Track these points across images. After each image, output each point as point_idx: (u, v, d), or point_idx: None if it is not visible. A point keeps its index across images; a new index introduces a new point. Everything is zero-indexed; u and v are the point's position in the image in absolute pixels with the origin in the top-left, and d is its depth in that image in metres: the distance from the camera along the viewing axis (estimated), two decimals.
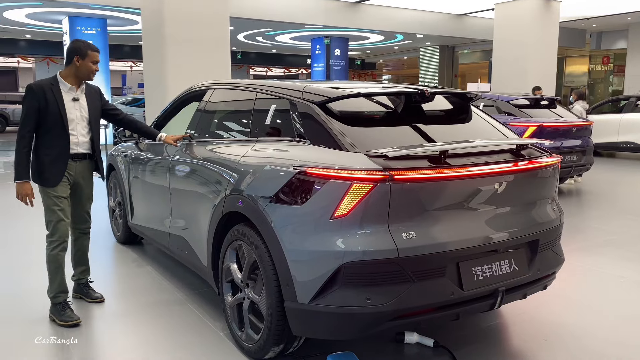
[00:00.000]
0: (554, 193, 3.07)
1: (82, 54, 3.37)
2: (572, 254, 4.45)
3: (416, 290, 2.39)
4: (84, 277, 3.75)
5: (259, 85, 3.35)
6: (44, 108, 3.27)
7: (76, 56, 3.36)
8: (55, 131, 3.32)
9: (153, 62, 8.33)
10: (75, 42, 3.45)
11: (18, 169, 3.28)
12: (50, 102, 3.28)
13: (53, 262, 3.38)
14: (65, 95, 3.36)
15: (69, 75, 3.40)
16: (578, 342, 3.16)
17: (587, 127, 7.94)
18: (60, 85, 3.36)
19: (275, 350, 2.73)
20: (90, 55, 3.39)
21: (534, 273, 2.81)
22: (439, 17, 17.82)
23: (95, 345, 3.15)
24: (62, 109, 3.32)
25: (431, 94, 2.89)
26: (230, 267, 3.01)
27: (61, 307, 3.36)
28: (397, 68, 34.37)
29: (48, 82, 3.35)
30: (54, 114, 3.30)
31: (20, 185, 3.29)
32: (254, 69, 30.71)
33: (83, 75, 3.42)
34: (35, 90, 3.28)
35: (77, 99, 3.42)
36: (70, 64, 3.38)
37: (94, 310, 3.59)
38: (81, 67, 3.38)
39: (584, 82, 25.76)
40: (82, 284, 3.74)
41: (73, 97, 3.40)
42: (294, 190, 2.55)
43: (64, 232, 3.38)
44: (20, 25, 17.53)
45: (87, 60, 3.38)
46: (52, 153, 3.33)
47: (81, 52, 3.37)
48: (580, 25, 19.10)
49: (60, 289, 3.39)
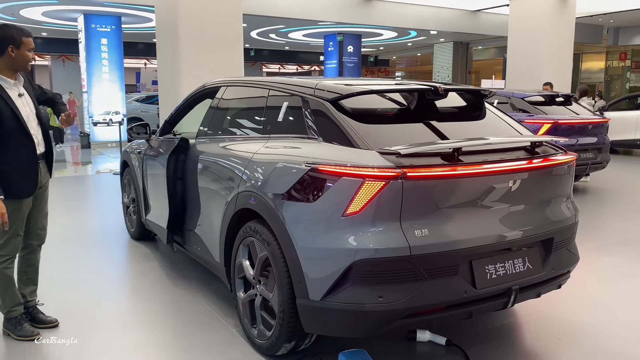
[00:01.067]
0: (569, 191, 3.03)
1: (16, 43, 2.92)
2: (587, 252, 4.40)
3: (428, 288, 2.37)
4: (32, 299, 3.28)
5: (271, 83, 3.35)
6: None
7: (10, 46, 2.91)
8: (14, 137, 2.91)
9: (167, 60, 8.38)
10: (6, 28, 2.93)
11: None
12: (1, 105, 2.87)
13: (3, 278, 3.04)
14: (11, 93, 2.94)
15: (3, 68, 2.93)
16: (593, 341, 3.12)
17: (604, 125, 7.83)
18: (1, 82, 2.92)
19: (287, 347, 2.74)
20: (25, 42, 2.95)
21: (548, 272, 2.78)
22: (453, 13, 17.69)
23: (101, 344, 3.15)
24: (15, 109, 2.91)
25: (445, 90, 2.87)
26: (242, 263, 3.03)
27: (17, 322, 3.10)
28: (411, 65, 34.19)
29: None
30: (9, 117, 2.88)
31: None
32: (266, 66, 30.73)
33: (20, 66, 2.98)
34: None
35: (22, 94, 3.01)
36: (3, 54, 2.91)
37: (103, 308, 3.63)
38: (17, 58, 2.93)
39: (600, 78, 25.42)
40: (31, 307, 3.26)
41: (18, 93, 2.99)
42: (306, 188, 2.54)
43: (17, 247, 3.07)
44: (37, 23, 17.71)
45: (22, 49, 2.94)
46: (16, 161, 2.92)
47: (15, 40, 2.92)
48: (597, 20, 18.83)
49: (14, 303, 3.11)
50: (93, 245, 5.05)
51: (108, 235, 5.42)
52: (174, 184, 3.97)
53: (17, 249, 3.09)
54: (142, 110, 17.76)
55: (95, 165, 11.74)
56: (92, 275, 4.20)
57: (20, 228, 3.05)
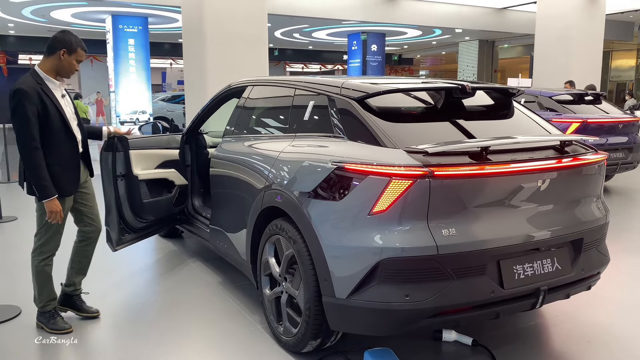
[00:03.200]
0: (600, 191, 2.98)
1: (70, 49, 3.01)
2: (617, 254, 4.30)
3: (455, 288, 2.36)
4: (79, 288, 3.41)
5: (297, 82, 3.37)
6: (43, 112, 2.92)
7: (64, 49, 2.99)
8: (60, 135, 3.00)
9: (193, 60, 8.48)
10: (66, 33, 3.04)
11: (43, 185, 2.91)
12: (48, 105, 2.95)
13: (42, 274, 3.15)
14: (56, 93, 3.02)
15: (50, 69, 3.02)
16: (622, 344, 3.06)
17: (634, 124, 7.65)
18: (48, 83, 3.00)
19: (313, 344, 2.75)
20: (78, 52, 3.05)
21: (577, 273, 2.74)
22: (479, 11, 17.49)
23: (129, 338, 3.22)
24: (60, 109, 3.00)
25: (472, 89, 2.84)
26: (268, 261, 3.05)
27: (50, 315, 3.20)
28: (435, 63, 33.91)
29: (33, 82, 2.95)
30: (55, 116, 2.97)
31: (51, 203, 2.95)
32: (290, 66, 30.85)
33: (63, 71, 3.06)
34: (30, 93, 2.87)
35: (64, 95, 3.10)
36: (53, 55, 3.00)
37: (131, 304, 3.69)
38: (64, 63, 3.02)
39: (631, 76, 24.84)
40: (77, 296, 3.40)
41: (61, 94, 3.08)
42: (332, 186, 2.56)
43: (58, 244, 3.18)
44: (66, 24, 18.09)
45: (73, 56, 3.03)
46: (61, 160, 3.02)
47: (71, 46, 3.01)
48: (628, 17, 18.41)
49: (50, 297, 3.21)
50: None
51: None
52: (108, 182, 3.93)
53: (57, 247, 3.19)
54: (168, 109, 18.00)
55: None
56: (118, 271, 4.28)
57: (61, 226, 3.15)
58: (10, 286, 3.99)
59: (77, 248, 3.39)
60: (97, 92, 21.03)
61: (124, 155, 3.92)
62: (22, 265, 4.47)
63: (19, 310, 3.46)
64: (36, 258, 3.16)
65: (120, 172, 3.91)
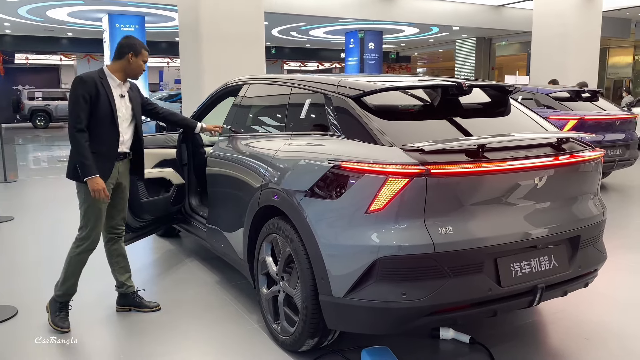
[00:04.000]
0: (596, 188, 2.98)
1: (136, 52, 3.27)
2: (614, 251, 4.31)
3: (453, 286, 2.36)
4: (131, 286, 3.53)
5: (293, 80, 3.36)
6: (95, 100, 3.12)
7: (131, 52, 3.25)
8: (104, 126, 3.17)
9: (189, 58, 8.47)
10: (130, 38, 3.34)
11: (85, 164, 3.05)
12: (102, 95, 3.14)
13: (76, 264, 3.24)
14: (114, 90, 3.23)
15: (118, 70, 3.27)
16: (620, 342, 3.06)
17: (632, 121, 7.66)
18: (109, 79, 3.23)
19: (310, 343, 2.75)
20: (143, 53, 3.30)
21: (574, 270, 2.74)
22: (476, 9, 17.49)
23: (125, 339, 3.22)
24: (112, 104, 3.19)
25: (469, 86, 2.84)
26: (265, 260, 3.05)
27: (60, 307, 3.25)
28: (432, 61, 33.91)
29: (96, 74, 3.20)
30: (105, 107, 3.15)
31: (93, 181, 3.06)
32: (287, 64, 30.81)
33: (132, 73, 3.32)
34: (86, 81, 3.12)
35: (123, 96, 3.30)
36: (122, 59, 3.26)
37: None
38: (133, 65, 3.28)
39: (628, 73, 24.86)
40: (132, 293, 3.53)
41: (120, 94, 3.28)
42: (328, 185, 2.55)
43: (98, 237, 3.27)
44: (62, 23, 18.06)
45: (139, 58, 3.29)
46: (100, 150, 3.16)
47: (136, 49, 3.27)
48: (625, 14, 18.42)
49: (69, 291, 3.28)
50: None
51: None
52: None
53: (95, 243, 3.27)
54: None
55: None
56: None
57: (101, 219, 3.26)
58: (7, 287, 3.97)
59: (108, 250, 3.51)
60: None
61: None
62: (19, 266, 4.47)
63: (15, 311, 3.45)
64: (74, 250, 3.26)
65: None
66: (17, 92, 21.79)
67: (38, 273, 4.29)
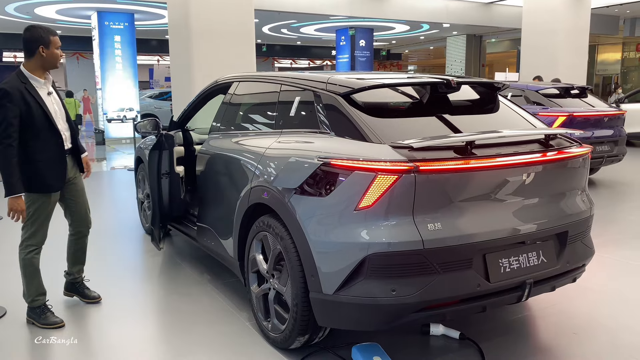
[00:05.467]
0: (584, 184, 3.00)
1: (45, 42, 3.04)
2: (602, 246, 4.35)
3: (442, 282, 2.37)
4: (80, 276, 3.58)
5: (283, 77, 3.35)
6: (26, 111, 2.97)
7: (40, 46, 3.02)
8: (44, 133, 3.06)
9: (179, 56, 8.42)
10: (34, 30, 3.05)
11: (10, 182, 2.93)
12: (31, 103, 2.99)
13: (29, 266, 3.19)
14: (41, 92, 3.08)
15: (35, 68, 3.06)
16: (609, 335, 3.09)
17: (620, 117, 7.72)
18: (32, 81, 3.05)
19: (301, 340, 2.75)
20: (53, 41, 3.06)
21: (562, 265, 2.76)
22: (466, 6, 17.53)
23: (114, 338, 3.20)
24: (44, 107, 3.05)
25: (457, 83, 2.85)
26: (256, 257, 3.04)
27: (40, 311, 3.22)
28: (423, 58, 33.97)
29: (17, 80, 3.01)
30: (39, 114, 3.02)
31: (14, 201, 2.97)
32: (278, 61, 30.75)
33: (50, 65, 3.11)
34: (12, 93, 2.92)
35: (50, 93, 3.16)
36: (34, 55, 3.04)
37: (118, 303, 3.67)
38: (47, 57, 3.06)
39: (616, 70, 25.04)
40: (78, 283, 3.58)
41: (48, 92, 3.14)
42: (318, 182, 2.55)
43: (44, 238, 3.23)
44: (51, 21, 17.86)
45: (51, 47, 3.06)
46: (45, 157, 3.08)
47: (44, 40, 3.03)
48: (613, 11, 18.53)
49: (39, 292, 3.24)
50: (108, 241, 5.11)
51: (123, 231, 5.49)
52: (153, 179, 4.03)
53: (43, 240, 3.24)
54: (156, 106, 17.86)
55: (110, 161, 11.86)
56: (106, 271, 4.25)
57: (47, 220, 3.21)
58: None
59: (70, 241, 3.53)
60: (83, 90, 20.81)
61: (169, 153, 3.93)
62: (7, 265, 4.43)
63: (4, 311, 3.42)
64: (23, 251, 3.20)
65: (166, 170, 3.96)
66: None
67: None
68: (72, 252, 3.54)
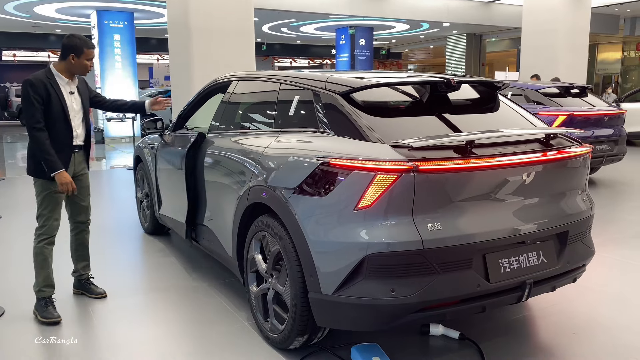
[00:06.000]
0: (584, 183, 2.99)
1: (77, 52, 3.32)
2: (603, 246, 4.34)
3: (441, 282, 2.36)
4: (85, 273, 3.70)
5: (282, 77, 3.34)
6: (47, 101, 3.24)
7: (72, 54, 3.31)
8: (58, 125, 3.30)
9: (179, 55, 8.40)
10: (72, 38, 3.36)
11: (51, 160, 3.21)
12: (52, 95, 3.26)
13: (39, 255, 3.33)
14: (63, 89, 3.34)
15: (63, 70, 3.35)
16: (609, 335, 3.08)
17: (620, 116, 7.71)
18: (57, 79, 3.33)
19: (300, 340, 2.74)
20: (86, 53, 3.34)
21: (563, 265, 2.75)
22: (466, 5, 17.52)
23: (115, 338, 3.19)
24: (63, 102, 3.31)
25: (457, 83, 2.84)
26: (254, 257, 3.03)
27: (44, 303, 3.31)
28: (423, 57, 33.95)
29: (44, 75, 3.29)
30: (57, 107, 3.28)
31: (60, 175, 3.23)
32: (278, 60, 30.73)
33: (77, 72, 3.40)
34: (36, 84, 3.21)
35: (73, 92, 3.41)
36: (65, 60, 3.33)
37: (118, 302, 3.66)
38: (76, 65, 3.34)
39: (616, 69, 25.04)
40: (84, 280, 3.70)
41: (70, 90, 3.39)
42: (317, 182, 2.54)
43: (54, 229, 3.37)
44: (51, 20, 17.86)
45: (82, 58, 3.34)
46: (56, 146, 3.27)
47: (77, 49, 3.31)
48: (614, 10, 18.52)
49: (46, 283, 3.34)
50: (107, 240, 5.10)
51: (122, 230, 5.47)
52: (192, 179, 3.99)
53: (54, 231, 3.38)
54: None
55: (109, 160, 11.84)
56: (106, 269, 4.24)
57: (55, 209, 3.37)
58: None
59: (71, 237, 3.67)
60: None
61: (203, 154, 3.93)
62: (5, 264, 4.42)
63: (2, 311, 3.41)
64: (35, 240, 3.37)
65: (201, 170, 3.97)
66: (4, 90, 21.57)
67: (25, 273, 4.23)
68: (74, 247, 3.68)
